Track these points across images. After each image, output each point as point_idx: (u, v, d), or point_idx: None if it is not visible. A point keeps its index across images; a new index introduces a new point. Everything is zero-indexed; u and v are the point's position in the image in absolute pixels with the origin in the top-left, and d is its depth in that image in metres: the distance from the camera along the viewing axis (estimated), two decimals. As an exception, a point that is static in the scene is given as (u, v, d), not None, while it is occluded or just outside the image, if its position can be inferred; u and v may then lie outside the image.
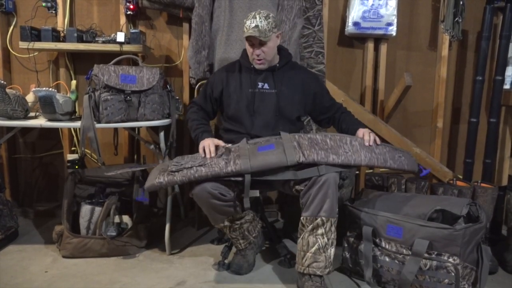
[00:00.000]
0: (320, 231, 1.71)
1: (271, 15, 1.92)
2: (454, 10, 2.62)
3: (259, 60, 1.97)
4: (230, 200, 1.79)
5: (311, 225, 1.72)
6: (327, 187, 1.69)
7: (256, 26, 1.87)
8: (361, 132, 1.91)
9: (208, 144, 1.83)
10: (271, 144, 1.80)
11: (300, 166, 1.76)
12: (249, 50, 1.98)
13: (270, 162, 1.74)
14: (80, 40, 2.40)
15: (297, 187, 1.78)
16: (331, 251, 1.74)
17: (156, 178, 1.77)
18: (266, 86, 2.03)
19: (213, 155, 1.80)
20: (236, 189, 1.83)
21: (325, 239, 1.72)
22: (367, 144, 1.83)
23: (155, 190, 1.88)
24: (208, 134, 1.97)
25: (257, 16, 1.89)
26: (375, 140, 1.86)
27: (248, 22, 1.90)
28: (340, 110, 2.13)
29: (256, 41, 1.92)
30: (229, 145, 1.88)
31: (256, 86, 2.03)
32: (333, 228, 1.73)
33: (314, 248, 1.72)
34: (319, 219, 1.70)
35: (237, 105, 2.02)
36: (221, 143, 1.88)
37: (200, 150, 1.85)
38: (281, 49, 2.09)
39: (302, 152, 1.74)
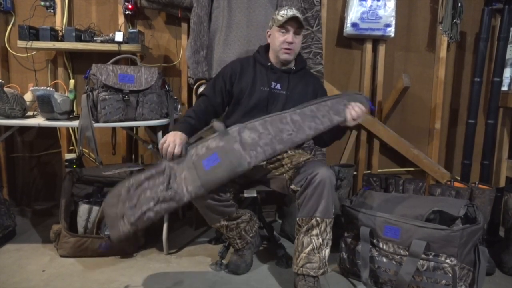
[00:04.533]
0: (315, 231, 1.71)
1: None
2: (452, 11, 2.63)
3: (288, 49, 1.91)
4: (226, 200, 1.79)
5: (306, 226, 1.72)
6: (322, 187, 1.68)
7: (295, 14, 1.87)
8: None
9: (169, 144, 1.69)
10: (213, 154, 1.65)
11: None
12: (280, 39, 1.91)
13: (222, 178, 1.65)
14: (78, 39, 2.40)
15: (293, 187, 1.78)
16: (326, 251, 1.74)
17: (120, 227, 1.66)
18: (278, 86, 1.98)
19: (170, 155, 1.67)
20: (232, 189, 1.83)
21: (320, 239, 1.71)
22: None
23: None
24: (180, 126, 1.81)
25: (293, 8, 1.91)
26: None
27: (283, 11, 1.89)
28: None
29: (294, 27, 1.89)
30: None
31: (270, 85, 1.98)
32: (328, 229, 1.72)
33: (308, 249, 1.72)
34: (314, 220, 1.70)
35: (247, 102, 1.95)
36: (179, 147, 1.69)
37: (160, 146, 1.71)
38: (297, 55, 2.06)
39: (248, 154, 1.65)
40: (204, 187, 1.64)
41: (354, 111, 1.68)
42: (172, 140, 1.69)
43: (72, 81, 2.37)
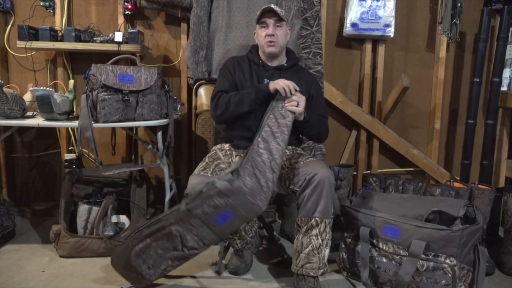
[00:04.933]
0: (314, 232, 1.71)
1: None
2: (451, 12, 2.63)
3: (271, 42, 1.93)
4: None
5: (306, 226, 1.72)
6: (321, 187, 1.68)
7: (269, 6, 1.90)
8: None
9: (287, 85, 1.78)
10: (224, 212, 1.66)
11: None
12: (262, 34, 1.95)
13: (237, 227, 1.83)
14: (78, 39, 2.40)
15: (292, 187, 1.78)
16: (326, 252, 1.74)
17: (147, 278, 1.80)
18: None
19: (291, 89, 1.78)
20: None
21: (319, 240, 1.71)
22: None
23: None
24: (252, 88, 1.89)
25: (272, 5, 1.93)
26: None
27: (262, 9, 1.93)
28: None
29: (271, 19, 1.91)
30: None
31: (263, 81, 1.98)
32: (327, 229, 1.73)
33: (308, 249, 1.72)
34: (313, 220, 1.70)
35: None
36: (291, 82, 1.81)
37: (277, 87, 1.79)
38: (289, 52, 2.08)
39: (259, 198, 1.66)
40: (220, 237, 1.77)
41: (291, 101, 1.78)
42: (285, 83, 1.79)
43: (71, 81, 2.37)
